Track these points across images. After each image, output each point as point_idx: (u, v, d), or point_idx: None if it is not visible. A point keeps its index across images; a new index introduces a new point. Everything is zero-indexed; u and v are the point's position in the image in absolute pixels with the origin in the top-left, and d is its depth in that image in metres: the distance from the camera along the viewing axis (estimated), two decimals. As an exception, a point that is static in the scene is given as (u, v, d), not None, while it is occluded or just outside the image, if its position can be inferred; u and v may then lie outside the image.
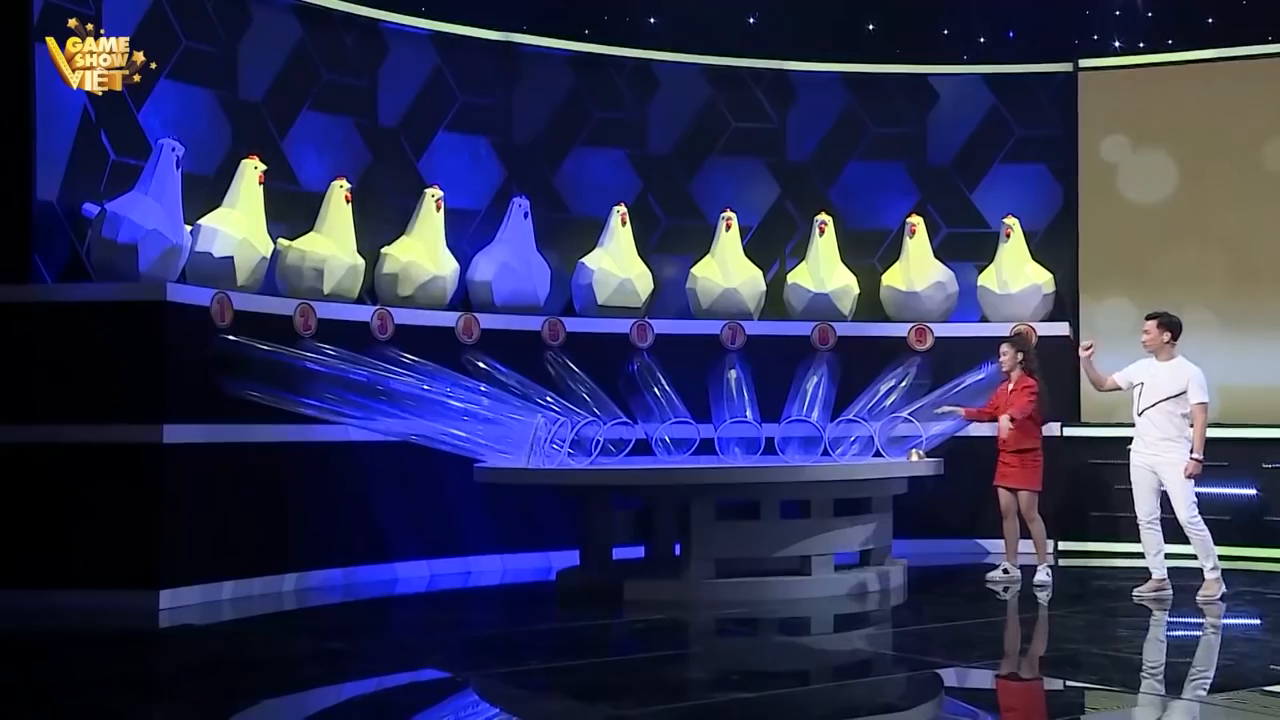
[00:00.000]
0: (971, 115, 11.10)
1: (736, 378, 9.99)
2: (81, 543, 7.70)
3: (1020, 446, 8.63)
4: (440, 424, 8.41)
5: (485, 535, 9.56)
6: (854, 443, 9.57)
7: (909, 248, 10.63)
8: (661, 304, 10.68)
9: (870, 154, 11.16)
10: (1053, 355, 9.75)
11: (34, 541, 7.70)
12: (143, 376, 7.79)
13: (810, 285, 10.55)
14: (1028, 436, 8.65)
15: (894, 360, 10.26)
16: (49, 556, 7.68)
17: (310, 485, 8.68)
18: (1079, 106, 10.69)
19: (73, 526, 7.71)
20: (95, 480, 7.72)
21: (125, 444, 7.72)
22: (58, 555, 7.68)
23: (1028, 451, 8.66)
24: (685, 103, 11.01)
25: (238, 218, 8.60)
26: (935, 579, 8.89)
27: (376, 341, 9.10)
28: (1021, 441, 8.62)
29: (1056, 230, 10.86)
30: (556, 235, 10.51)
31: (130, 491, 7.73)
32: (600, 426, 9.00)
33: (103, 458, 7.72)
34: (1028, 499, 8.66)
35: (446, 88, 10.31)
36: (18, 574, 7.64)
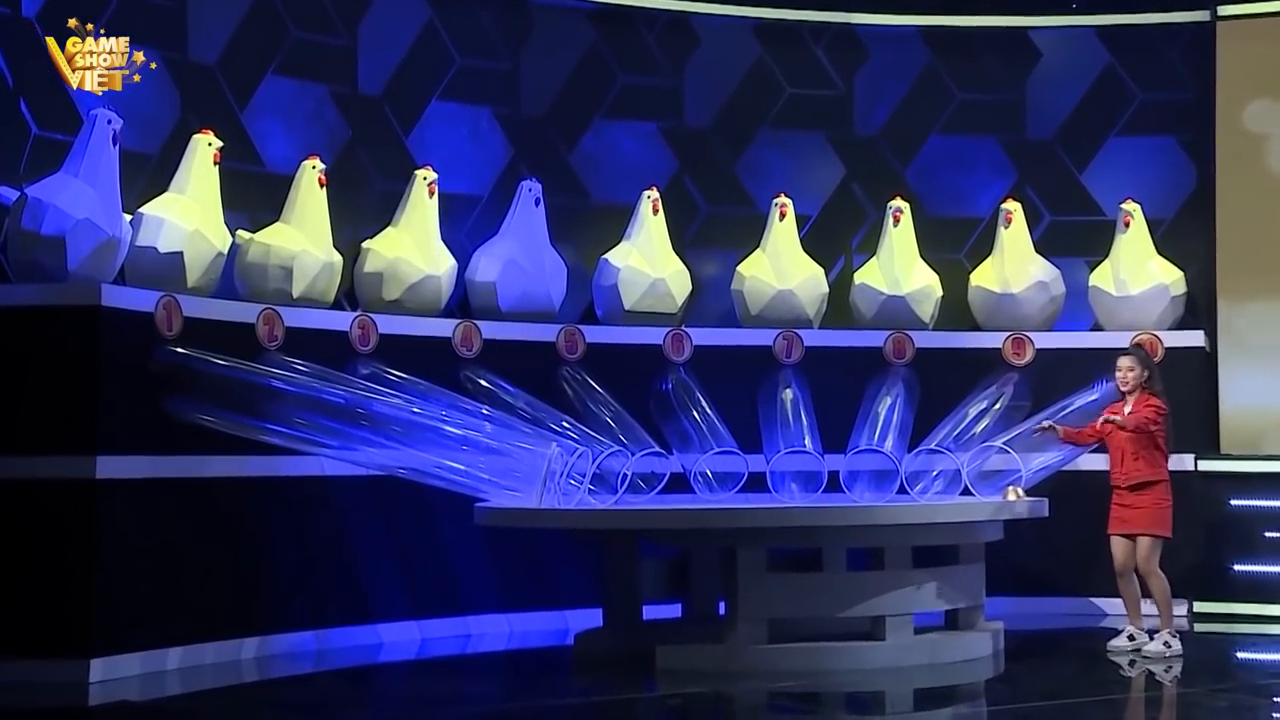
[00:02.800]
0: (1082, 77, 11.04)
1: (793, 398, 9.96)
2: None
3: (1140, 480, 8.45)
4: (434, 455, 8.41)
5: (488, 590, 9.56)
6: (936, 478, 9.47)
7: (1004, 240, 10.59)
8: (701, 309, 10.68)
9: (956, 126, 11.12)
10: (1184, 372, 9.63)
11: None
12: (71, 398, 7.77)
13: (882, 286, 10.52)
14: (1150, 466, 8.49)
15: (985, 377, 10.22)
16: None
17: (276, 530, 8.67)
18: (1216, 64, 10.59)
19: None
20: (11, 525, 7.68)
21: (49, 480, 7.69)
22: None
23: (1150, 487, 8.47)
24: (730, 64, 11.00)
25: (188, 205, 8.60)
26: (1038, 646, 8.83)
27: (357, 355, 9.12)
28: (1142, 472, 8.45)
29: (1187, 217, 10.79)
30: (574, 226, 10.52)
31: (55, 539, 7.70)
32: (627, 458, 8.96)
33: (20, 497, 7.69)
34: (1148, 547, 8.47)
35: (441, 47, 10.30)
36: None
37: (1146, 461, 8.47)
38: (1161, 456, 8.56)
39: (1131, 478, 8.47)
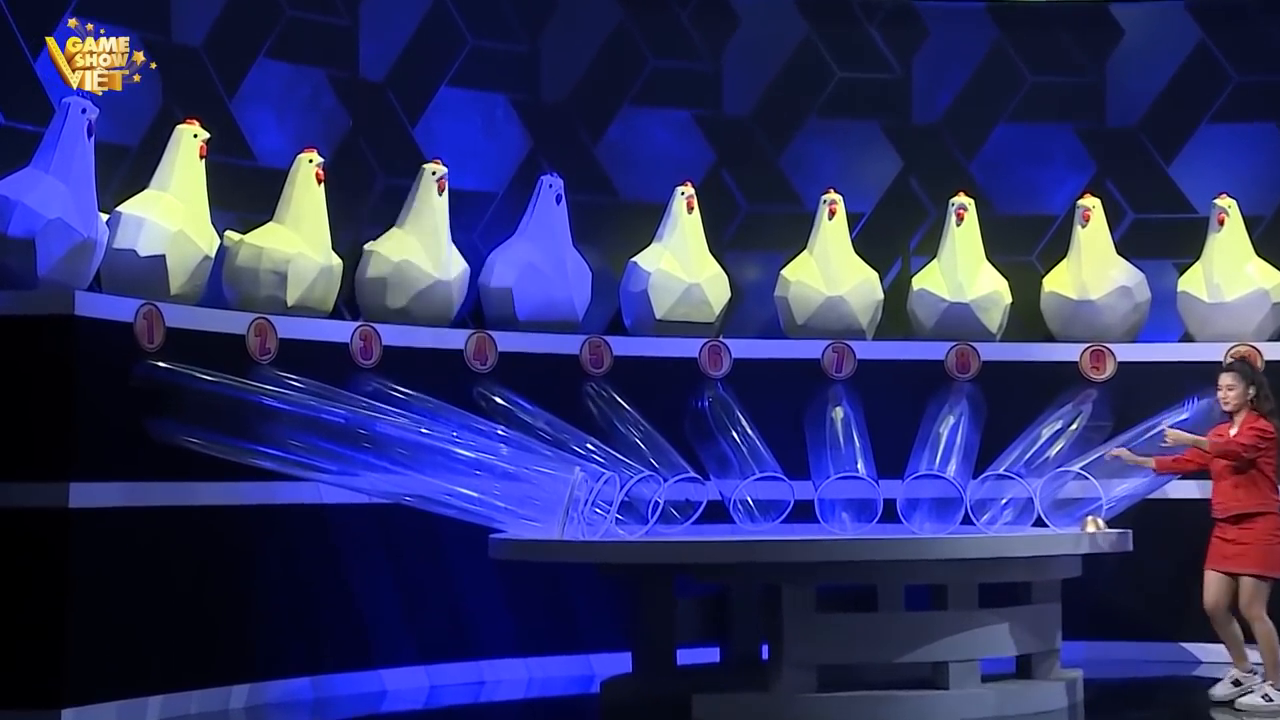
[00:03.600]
0: (1170, 56, 11.02)
1: (844, 418, 9.96)
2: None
3: (1241, 511, 8.38)
4: (444, 481, 8.41)
5: (504, 631, 9.57)
6: (1006, 507, 9.45)
7: (1081, 240, 10.56)
8: (742, 318, 10.69)
9: (1027, 113, 11.11)
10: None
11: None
12: (41, 418, 7.78)
13: (944, 292, 10.51)
14: (1253, 497, 8.40)
15: (1060, 395, 10.19)
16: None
17: (269, 564, 8.69)
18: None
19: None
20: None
21: (16, 510, 7.70)
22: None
23: (1255, 520, 8.39)
24: (773, 45, 11.01)
25: (171, 203, 8.63)
26: (1121, 697, 8.84)
27: (358, 370, 9.15)
28: (1243, 503, 8.37)
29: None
30: (600, 226, 10.55)
31: (23, 575, 7.70)
32: (659, 484, 8.96)
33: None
34: (1253, 589, 8.38)
35: (452, 27, 10.35)
36: None
37: (1249, 491, 8.38)
38: (1269, 486, 8.47)
39: (1230, 509, 8.39)
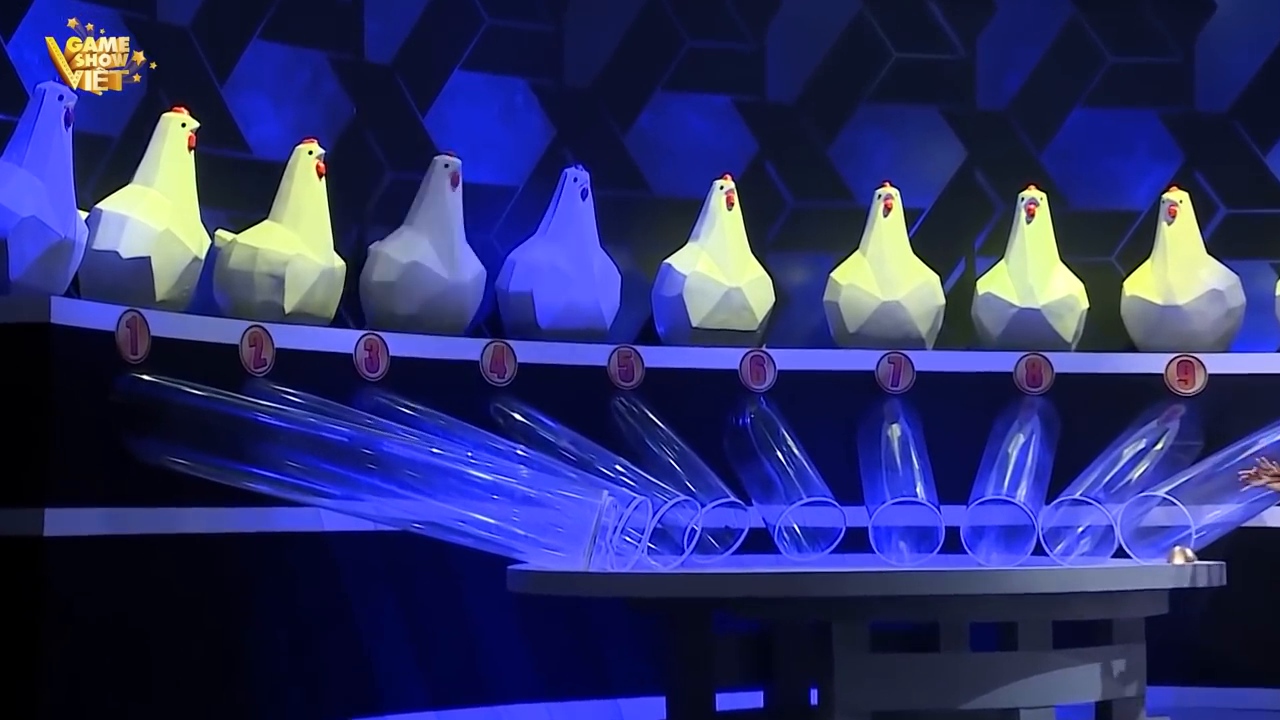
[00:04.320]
0: (1266, 34, 11.00)
1: (901, 436, 9.97)
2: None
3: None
4: (457, 506, 8.40)
5: (524, 673, 9.58)
6: (1083, 536, 9.40)
7: (1167, 238, 10.56)
8: (787, 326, 10.73)
9: (1106, 97, 11.11)
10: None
11: None
12: (13, 437, 7.78)
13: (1013, 297, 10.51)
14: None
15: (1144, 410, 10.20)
16: None
17: (265, 598, 8.70)
18: None
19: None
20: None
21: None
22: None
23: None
24: (822, 24, 11.04)
25: (157, 200, 8.66)
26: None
27: (363, 383, 9.18)
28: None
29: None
30: (630, 224, 10.60)
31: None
32: (695, 510, 8.92)
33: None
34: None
35: (467, 5, 10.40)
36: None
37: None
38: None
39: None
